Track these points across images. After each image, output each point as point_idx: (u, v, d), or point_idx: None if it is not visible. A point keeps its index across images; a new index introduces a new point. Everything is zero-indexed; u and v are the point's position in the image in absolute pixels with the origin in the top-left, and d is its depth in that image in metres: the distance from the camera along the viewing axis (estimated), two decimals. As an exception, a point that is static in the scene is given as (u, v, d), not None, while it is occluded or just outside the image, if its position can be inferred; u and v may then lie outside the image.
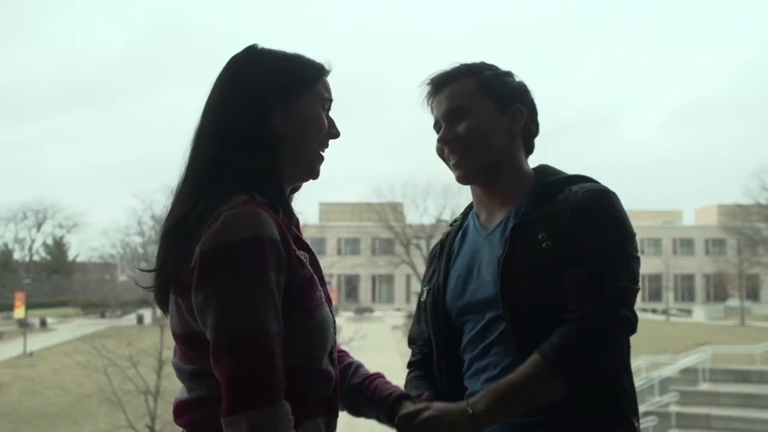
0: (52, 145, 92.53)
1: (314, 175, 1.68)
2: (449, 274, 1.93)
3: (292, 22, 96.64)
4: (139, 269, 1.80)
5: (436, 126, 1.96)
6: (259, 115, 1.58)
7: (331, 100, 1.69)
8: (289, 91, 1.62)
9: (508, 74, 1.95)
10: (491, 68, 1.94)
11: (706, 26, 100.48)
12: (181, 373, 1.58)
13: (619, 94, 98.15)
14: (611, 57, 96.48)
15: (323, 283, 1.63)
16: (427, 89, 1.96)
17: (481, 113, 1.89)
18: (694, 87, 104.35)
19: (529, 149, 1.98)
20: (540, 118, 1.99)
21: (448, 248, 1.98)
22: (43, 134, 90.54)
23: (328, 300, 1.62)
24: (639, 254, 1.78)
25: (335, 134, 1.70)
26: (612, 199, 1.78)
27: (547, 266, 1.72)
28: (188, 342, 1.54)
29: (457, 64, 1.95)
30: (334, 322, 1.65)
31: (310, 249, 1.66)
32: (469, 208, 2.04)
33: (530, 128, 1.96)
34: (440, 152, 1.96)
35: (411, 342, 2.08)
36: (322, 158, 1.68)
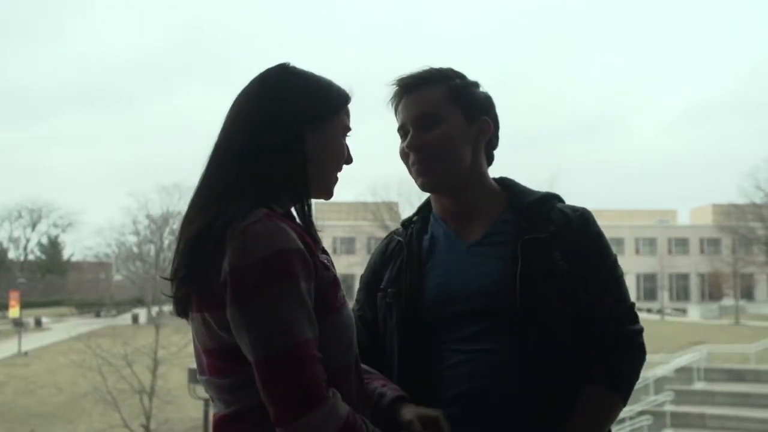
0: (52, 145, 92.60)
1: (329, 195, 1.73)
2: (424, 279, 1.89)
3: (290, 23, 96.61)
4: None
5: (402, 130, 1.92)
6: (294, 133, 1.61)
7: (350, 129, 1.73)
8: (320, 117, 1.65)
9: (476, 84, 1.94)
10: (461, 77, 1.92)
11: (710, 29, 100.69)
12: (217, 388, 1.57)
13: (623, 95, 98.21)
14: (615, 59, 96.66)
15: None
16: (394, 90, 1.92)
17: (452, 123, 1.87)
18: (696, 89, 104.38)
19: (490, 161, 1.98)
20: (543, 119, 1.99)
21: (417, 251, 1.94)
22: (44, 135, 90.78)
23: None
24: None
25: (350, 160, 1.74)
26: (596, 221, 1.92)
27: (565, 284, 1.82)
28: (224, 356, 1.53)
29: (427, 68, 1.92)
30: None
31: (327, 252, 1.71)
32: (426, 211, 2.02)
33: (492, 141, 1.96)
34: (405, 157, 1.92)
35: None
36: (337, 180, 1.73)
